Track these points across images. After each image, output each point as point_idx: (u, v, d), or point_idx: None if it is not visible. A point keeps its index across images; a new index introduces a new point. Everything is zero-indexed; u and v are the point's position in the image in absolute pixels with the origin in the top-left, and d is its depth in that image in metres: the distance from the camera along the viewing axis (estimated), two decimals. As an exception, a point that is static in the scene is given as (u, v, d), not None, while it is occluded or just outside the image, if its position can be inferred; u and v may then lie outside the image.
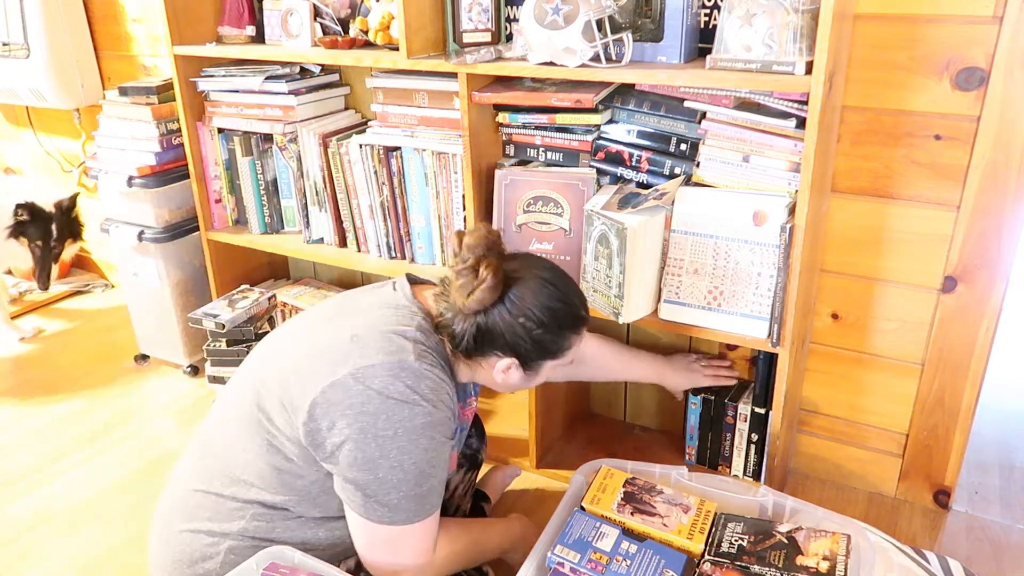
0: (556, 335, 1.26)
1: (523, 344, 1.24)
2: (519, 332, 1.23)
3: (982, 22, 1.42)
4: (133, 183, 2.23)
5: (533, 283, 1.24)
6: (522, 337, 1.23)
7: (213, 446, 1.29)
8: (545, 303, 1.23)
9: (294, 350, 1.25)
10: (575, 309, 1.28)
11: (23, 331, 2.67)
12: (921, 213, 1.58)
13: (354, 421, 1.14)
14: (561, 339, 1.27)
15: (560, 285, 1.26)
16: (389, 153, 1.85)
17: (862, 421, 1.79)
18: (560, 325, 1.25)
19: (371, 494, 1.17)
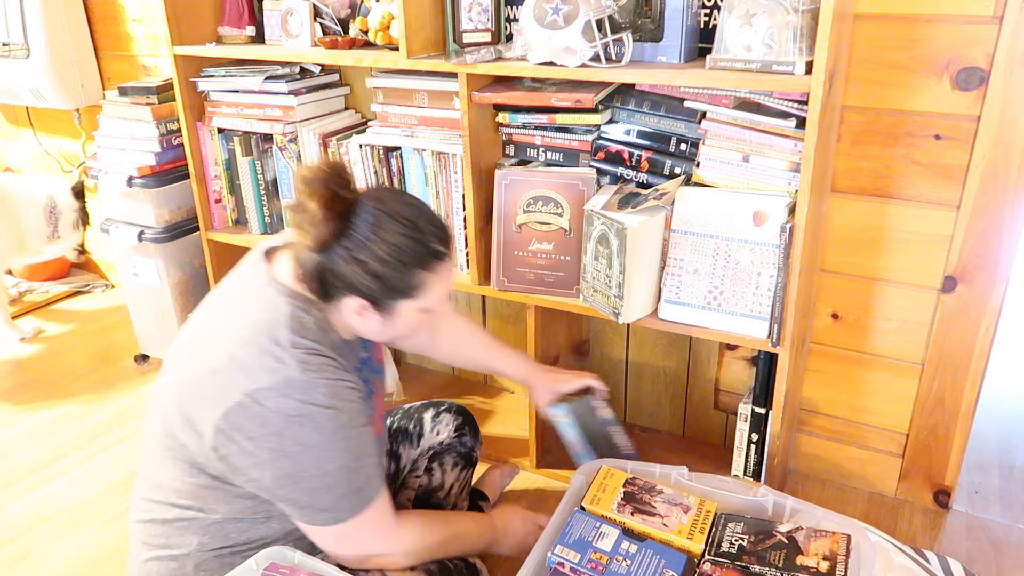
0: (402, 271, 1.14)
1: (367, 283, 1.13)
2: (361, 269, 1.12)
3: (982, 22, 1.42)
4: (133, 183, 2.23)
5: (375, 215, 1.12)
6: (365, 275, 1.12)
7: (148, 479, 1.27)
8: (387, 237, 1.12)
9: (182, 372, 1.19)
10: (424, 242, 1.14)
11: (23, 331, 2.67)
12: (921, 213, 1.58)
13: (262, 444, 1.10)
14: (409, 276, 1.14)
15: (407, 216, 1.14)
16: (389, 153, 1.85)
17: (862, 421, 1.79)
18: (405, 261, 1.13)
19: (305, 504, 1.15)
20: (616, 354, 2.05)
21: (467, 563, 1.45)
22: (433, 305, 1.20)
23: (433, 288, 1.18)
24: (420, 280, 1.16)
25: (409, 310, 1.19)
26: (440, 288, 1.19)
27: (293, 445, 1.11)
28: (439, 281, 1.18)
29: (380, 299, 1.16)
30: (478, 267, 1.79)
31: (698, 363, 1.95)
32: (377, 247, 1.12)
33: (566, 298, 1.70)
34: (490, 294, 1.79)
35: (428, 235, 1.16)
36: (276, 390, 1.10)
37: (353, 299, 1.15)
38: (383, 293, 1.15)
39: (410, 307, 1.18)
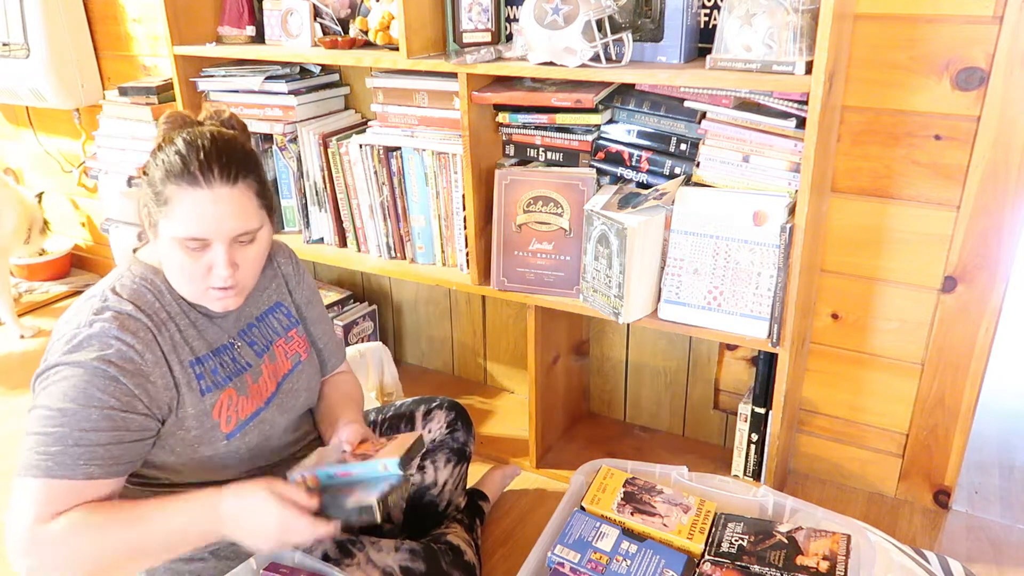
0: (158, 176, 1.11)
1: (147, 194, 1.13)
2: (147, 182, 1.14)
3: (982, 22, 1.42)
4: (133, 183, 2.23)
5: (184, 129, 1.16)
6: (147, 187, 1.13)
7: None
8: (164, 141, 1.13)
9: None
10: (186, 161, 1.10)
11: (24, 328, 2.68)
12: (921, 213, 1.58)
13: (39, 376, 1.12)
14: (163, 183, 1.10)
15: (197, 135, 1.13)
16: (389, 153, 1.85)
17: (862, 421, 1.79)
18: (162, 165, 1.11)
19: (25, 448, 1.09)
20: (616, 354, 2.05)
21: (451, 545, 1.44)
22: (183, 237, 1.11)
23: (180, 212, 1.10)
24: (168, 193, 1.10)
25: (166, 235, 1.12)
26: (187, 217, 1.10)
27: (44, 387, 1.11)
28: (187, 206, 1.10)
29: (150, 211, 1.14)
30: (478, 267, 1.79)
31: (698, 363, 1.95)
32: (155, 153, 1.14)
33: (566, 298, 1.70)
34: (490, 294, 1.79)
35: (201, 155, 1.11)
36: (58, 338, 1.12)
37: (144, 211, 1.16)
38: (151, 203, 1.13)
39: (165, 231, 1.12)
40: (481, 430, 2.07)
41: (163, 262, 1.17)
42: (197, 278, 1.15)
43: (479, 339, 2.27)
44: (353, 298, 2.34)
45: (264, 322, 1.33)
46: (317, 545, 1.27)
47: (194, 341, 1.20)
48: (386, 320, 2.41)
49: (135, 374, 1.10)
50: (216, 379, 1.20)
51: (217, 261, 1.13)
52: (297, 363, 1.36)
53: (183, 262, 1.14)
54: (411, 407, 1.65)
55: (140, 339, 1.12)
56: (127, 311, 1.13)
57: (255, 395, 1.26)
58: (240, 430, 1.22)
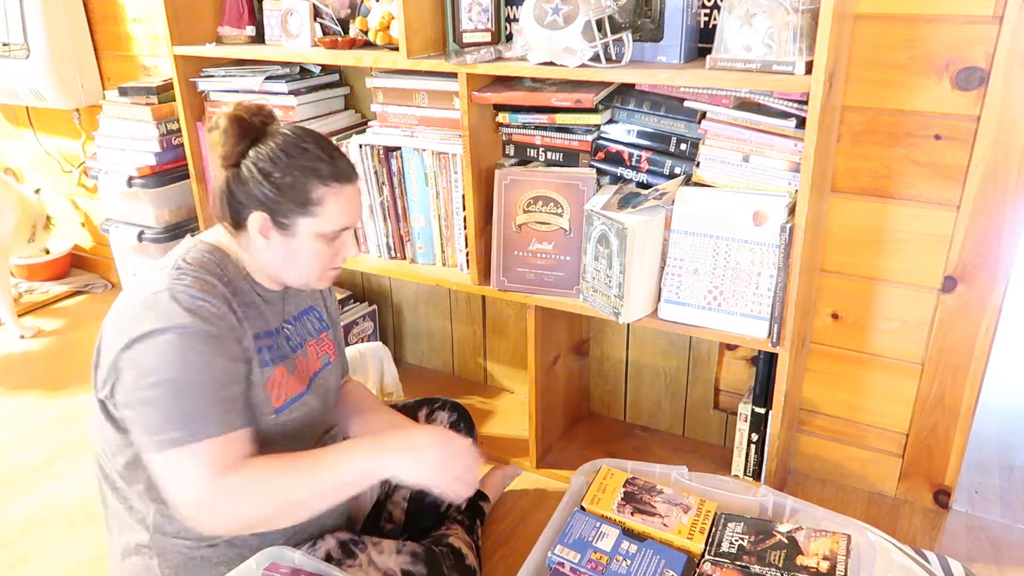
0: (302, 182, 1.17)
1: (269, 192, 1.16)
2: (264, 179, 1.16)
3: (982, 22, 1.42)
4: (133, 183, 2.23)
5: (284, 135, 1.20)
6: (267, 184, 1.16)
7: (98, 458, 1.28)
8: (292, 151, 1.18)
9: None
10: (327, 159, 1.19)
11: (24, 328, 2.68)
12: (921, 213, 1.58)
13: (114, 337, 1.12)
14: (308, 187, 1.17)
15: (314, 138, 1.21)
16: (389, 153, 1.86)
17: (862, 421, 1.79)
18: (306, 172, 1.17)
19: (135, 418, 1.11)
20: (616, 354, 2.05)
21: (452, 548, 1.45)
22: (330, 230, 1.20)
23: (330, 207, 1.19)
24: (319, 195, 1.18)
25: (307, 230, 1.19)
26: (338, 211, 1.20)
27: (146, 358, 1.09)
28: (338, 202, 1.20)
29: (280, 212, 1.18)
30: (478, 267, 1.79)
31: (698, 363, 1.95)
32: (282, 158, 1.17)
33: (566, 298, 1.70)
34: (490, 294, 1.79)
35: (333, 156, 1.21)
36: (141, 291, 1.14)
37: (257, 215, 1.18)
38: (283, 205, 1.17)
39: (308, 227, 1.19)
40: (481, 430, 2.07)
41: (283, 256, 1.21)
42: (326, 263, 1.24)
43: (479, 339, 2.27)
44: (353, 298, 2.34)
45: (299, 322, 1.37)
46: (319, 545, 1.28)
47: (257, 317, 1.25)
48: (386, 320, 2.41)
49: (228, 329, 1.15)
50: (273, 355, 1.25)
51: (350, 243, 1.26)
52: (327, 363, 1.40)
53: (321, 252, 1.22)
54: (413, 408, 1.65)
55: (219, 303, 1.16)
56: (203, 277, 1.17)
57: (299, 378, 1.30)
58: (287, 407, 1.26)
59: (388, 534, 1.53)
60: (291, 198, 1.17)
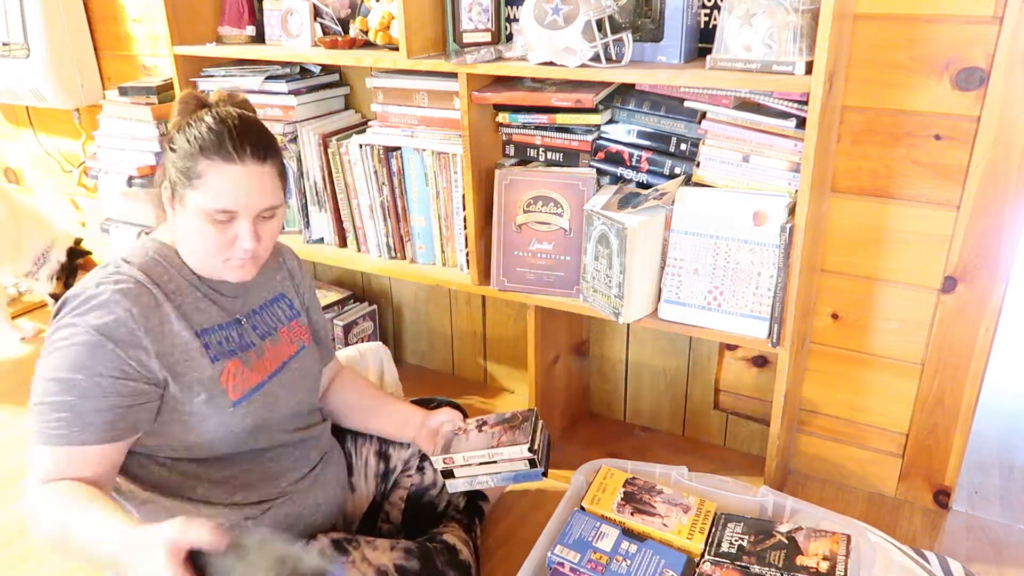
0: (190, 152, 1.18)
1: (171, 164, 1.20)
2: (170, 148, 1.21)
3: (982, 22, 1.42)
4: (133, 183, 2.23)
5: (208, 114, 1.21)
6: (172, 156, 1.20)
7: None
8: (198, 122, 1.20)
9: None
10: (220, 136, 1.18)
11: (24, 331, 2.67)
12: (921, 213, 1.58)
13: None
14: (195, 161, 1.17)
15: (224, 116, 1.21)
16: (389, 153, 1.85)
17: (862, 421, 1.79)
18: (196, 147, 1.17)
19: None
20: (616, 354, 2.05)
21: (447, 544, 1.44)
22: (211, 207, 1.18)
23: (211, 183, 1.17)
24: (201, 168, 1.17)
25: (192, 205, 1.19)
26: (220, 188, 1.18)
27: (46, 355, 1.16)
28: (220, 180, 1.18)
29: (175, 183, 1.20)
30: (478, 267, 1.79)
31: (698, 363, 1.95)
32: (188, 130, 1.20)
33: (566, 298, 1.70)
34: (490, 294, 1.79)
35: (234, 133, 1.19)
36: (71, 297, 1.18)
37: (166, 186, 1.22)
38: (176, 175, 1.20)
39: (192, 201, 1.19)
40: (481, 430, 2.07)
41: (183, 235, 1.23)
42: (221, 249, 1.22)
43: (479, 339, 2.27)
44: (353, 298, 2.34)
45: (268, 310, 1.39)
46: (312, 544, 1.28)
47: (202, 313, 1.26)
48: (386, 320, 2.41)
49: (128, 343, 1.15)
50: (223, 349, 1.26)
51: (243, 233, 1.21)
52: (301, 347, 1.42)
53: (208, 234, 1.20)
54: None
55: (140, 305, 1.17)
56: (136, 278, 1.19)
57: (258, 369, 1.31)
58: (246, 399, 1.27)
59: (386, 534, 1.53)
60: (182, 169, 1.19)
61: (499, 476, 1.42)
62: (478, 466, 1.41)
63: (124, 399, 1.15)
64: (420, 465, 1.59)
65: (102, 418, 1.13)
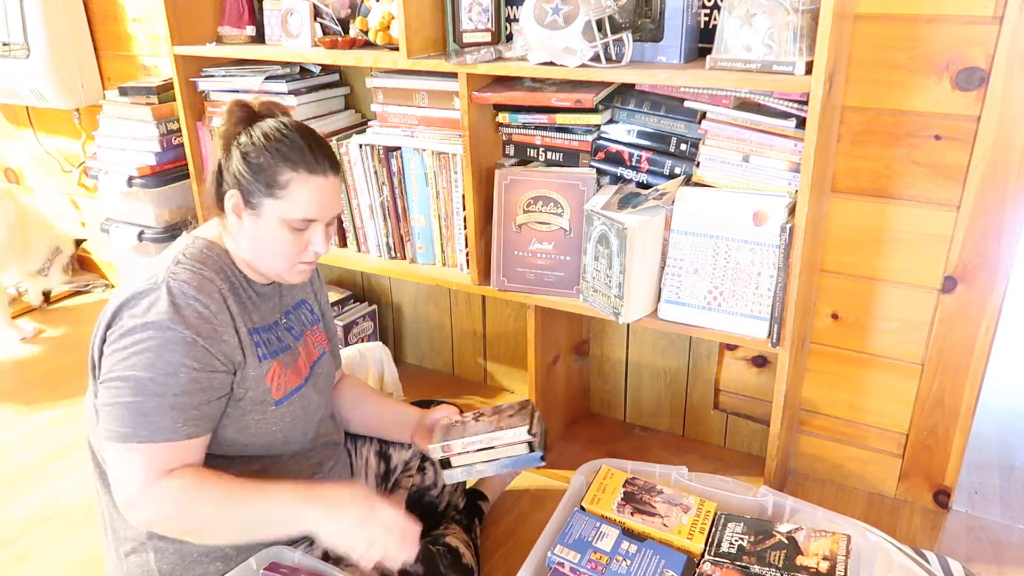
0: (272, 165, 1.19)
1: (243, 171, 1.20)
2: (242, 159, 1.20)
3: (982, 22, 1.42)
4: (133, 183, 2.23)
5: (273, 124, 1.23)
6: (244, 164, 1.20)
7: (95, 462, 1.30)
8: (270, 132, 1.21)
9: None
10: (303, 147, 1.21)
11: (24, 331, 2.67)
12: (921, 213, 1.58)
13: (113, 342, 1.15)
14: (276, 169, 1.19)
15: (299, 128, 1.24)
16: (389, 153, 1.85)
17: (862, 421, 1.79)
18: (278, 156, 1.19)
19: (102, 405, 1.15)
20: (616, 354, 2.05)
21: (449, 547, 1.45)
22: (294, 217, 1.21)
23: (296, 194, 1.20)
24: (285, 179, 1.19)
25: (272, 214, 1.21)
26: (304, 199, 1.21)
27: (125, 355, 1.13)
28: (305, 190, 1.20)
29: (250, 191, 1.20)
30: (478, 267, 1.79)
31: (698, 363, 1.95)
32: (261, 140, 1.20)
33: (566, 298, 1.70)
34: (490, 294, 1.79)
35: (311, 145, 1.22)
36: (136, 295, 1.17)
37: (232, 193, 1.22)
38: (253, 185, 1.20)
39: (273, 210, 1.20)
40: (481, 430, 2.07)
41: (251, 240, 1.23)
42: (293, 254, 1.25)
43: (479, 339, 2.27)
44: (353, 298, 2.34)
45: (295, 314, 1.40)
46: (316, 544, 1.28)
47: (253, 312, 1.27)
48: (386, 320, 2.41)
49: (210, 335, 1.16)
50: (269, 349, 1.27)
51: (318, 239, 1.26)
52: (323, 353, 1.44)
53: (286, 240, 1.23)
54: None
55: (214, 300, 1.18)
56: (202, 272, 1.20)
57: (296, 372, 1.33)
58: (287, 399, 1.28)
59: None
60: (260, 178, 1.20)
61: (498, 463, 1.40)
62: (476, 453, 1.41)
63: (216, 391, 1.17)
64: (421, 465, 1.59)
65: (201, 412, 1.15)
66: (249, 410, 1.23)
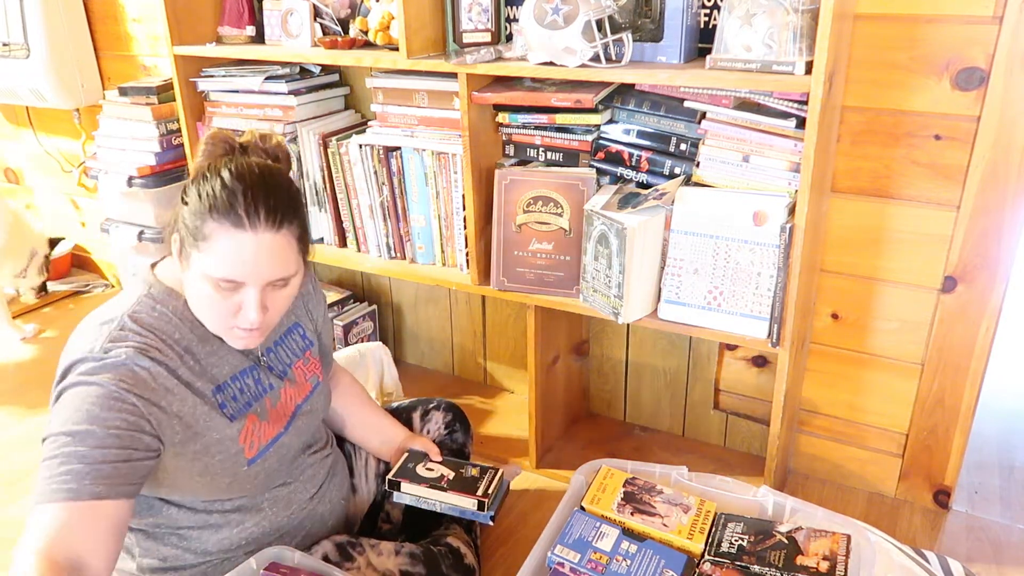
0: (198, 209, 1.09)
1: (183, 218, 1.11)
2: (185, 199, 1.12)
3: (982, 22, 1.42)
4: (133, 183, 2.23)
5: (235, 163, 1.12)
6: (184, 210, 1.11)
7: None
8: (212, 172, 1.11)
9: None
10: (231, 199, 1.08)
11: (24, 331, 2.67)
12: (921, 213, 1.58)
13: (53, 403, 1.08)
14: (203, 222, 1.08)
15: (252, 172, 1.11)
16: (389, 153, 1.85)
17: (862, 421, 1.79)
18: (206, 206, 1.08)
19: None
20: (616, 354, 2.05)
21: (451, 547, 1.45)
22: (214, 275, 1.09)
23: (217, 248, 1.08)
24: (209, 231, 1.08)
25: (197, 266, 1.10)
26: (224, 256, 1.08)
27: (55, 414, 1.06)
28: (227, 247, 1.08)
29: (184, 241, 1.11)
30: (478, 267, 1.79)
31: (698, 363, 1.95)
32: (205, 184, 1.10)
33: (566, 298, 1.70)
34: (490, 294, 1.79)
35: (244, 195, 1.08)
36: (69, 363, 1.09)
37: (175, 238, 1.13)
38: (186, 234, 1.11)
39: (198, 263, 1.10)
40: (481, 430, 2.07)
41: (188, 292, 1.15)
42: (224, 316, 1.13)
43: (479, 339, 2.27)
44: (353, 298, 2.34)
45: (283, 345, 1.33)
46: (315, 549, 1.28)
47: (215, 368, 1.19)
48: (386, 320, 2.41)
49: (144, 398, 1.08)
50: (238, 405, 1.20)
51: (248, 304, 1.12)
52: (316, 385, 1.37)
53: (212, 298, 1.12)
54: (408, 409, 1.65)
55: (158, 366, 1.10)
56: (147, 342, 1.11)
57: (275, 420, 1.27)
58: (261, 456, 1.23)
59: (386, 535, 1.53)
60: (189, 225, 1.10)
61: (446, 505, 1.45)
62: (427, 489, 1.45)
63: (139, 452, 1.06)
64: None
65: (117, 470, 1.02)
66: (221, 472, 1.18)
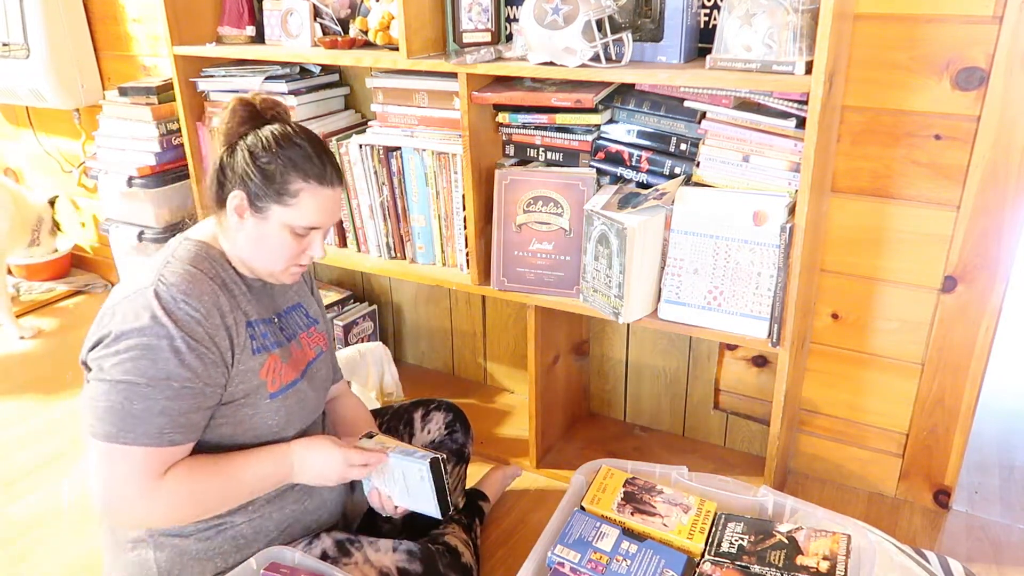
0: (284, 173, 1.20)
1: (252, 173, 1.20)
2: (252, 160, 1.20)
3: (982, 22, 1.42)
4: (133, 183, 2.23)
5: (284, 128, 1.24)
6: (252, 166, 1.20)
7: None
8: (280, 137, 1.22)
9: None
10: (316, 159, 1.23)
11: (24, 329, 2.67)
12: (921, 213, 1.58)
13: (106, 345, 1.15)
14: (289, 179, 1.21)
15: (306, 134, 1.25)
16: (389, 153, 1.85)
17: (862, 421, 1.79)
18: (287, 161, 1.21)
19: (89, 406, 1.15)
20: (616, 354, 2.05)
21: (448, 546, 1.45)
22: (300, 224, 1.23)
23: (305, 203, 1.22)
24: (296, 188, 1.21)
25: (278, 219, 1.22)
26: (312, 209, 1.23)
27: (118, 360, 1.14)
28: (313, 201, 1.23)
29: (257, 195, 1.21)
30: (478, 267, 1.79)
31: (698, 363, 1.95)
32: (272, 146, 1.21)
33: (566, 298, 1.70)
34: (490, 294, 1.79)
35: (322, 158, 1.24)
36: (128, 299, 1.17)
37: (237, 193, 1.22)
38: (261, 189, 1.21)
39: (280, 216, 1.22)
40: (481, 430, 2.07)
41: (249, 240, 1.24)
42: (291, 257, 1.27)
43: (479, 339, 2.27)
44: (353, 298, 2.34)
45: (288, 316, 1.40)
46: (315, 544, 1.28)
47: (248, 306, 1.27)
48: (386, 320, 2.41)
49: (202, 342, 1.16)
50: (265, 343, 1.28)
51: (317, 245, 1.29)
52: (320, 353, 1.44)
53: (287, 244, 1.25)
54: (409, 409, 1.65)
55: (203, 302, 1.18)
56: (191, 270, 1.20)
57: (293, 366, 1.33)
58: (282, 392, 1.29)
59: (386, 534, 1.53)
60: (270, 185, 1.20)
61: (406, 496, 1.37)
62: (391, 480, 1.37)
63: (207, 399, 1.18)
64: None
65: (189, 420, 1.17)
66: (242, 404, 1.24)
